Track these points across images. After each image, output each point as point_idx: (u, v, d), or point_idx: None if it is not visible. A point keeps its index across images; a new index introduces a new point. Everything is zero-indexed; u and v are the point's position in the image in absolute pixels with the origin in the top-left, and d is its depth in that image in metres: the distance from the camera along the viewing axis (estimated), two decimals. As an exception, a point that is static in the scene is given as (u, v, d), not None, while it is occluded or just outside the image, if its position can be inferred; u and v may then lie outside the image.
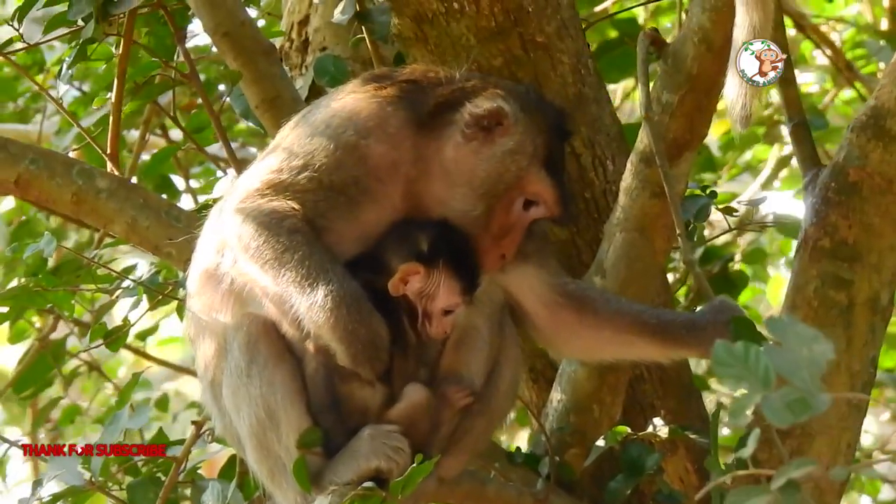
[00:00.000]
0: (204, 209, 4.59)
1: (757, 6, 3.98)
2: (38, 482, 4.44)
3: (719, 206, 4.90)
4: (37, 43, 5.05)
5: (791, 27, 7.43)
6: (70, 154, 5.69)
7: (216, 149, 6.27)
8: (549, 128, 4.21)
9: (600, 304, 4.33)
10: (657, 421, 4.52)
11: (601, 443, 4.48)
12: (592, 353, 4.42)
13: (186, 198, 7.04)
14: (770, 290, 8.07)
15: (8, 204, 7.51)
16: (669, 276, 5.38)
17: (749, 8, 4.00)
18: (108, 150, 5.08)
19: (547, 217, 4.21)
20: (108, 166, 5.06)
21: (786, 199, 8.67)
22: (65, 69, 4.91)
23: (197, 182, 7.31)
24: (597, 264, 4.52)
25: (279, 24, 5.73)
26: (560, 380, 4.63)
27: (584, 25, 5.05)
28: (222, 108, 5.10)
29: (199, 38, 6.69)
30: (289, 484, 4.07)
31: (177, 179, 6.94)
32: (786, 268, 8.44)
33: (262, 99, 4.90)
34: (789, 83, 4.72)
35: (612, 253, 4.49)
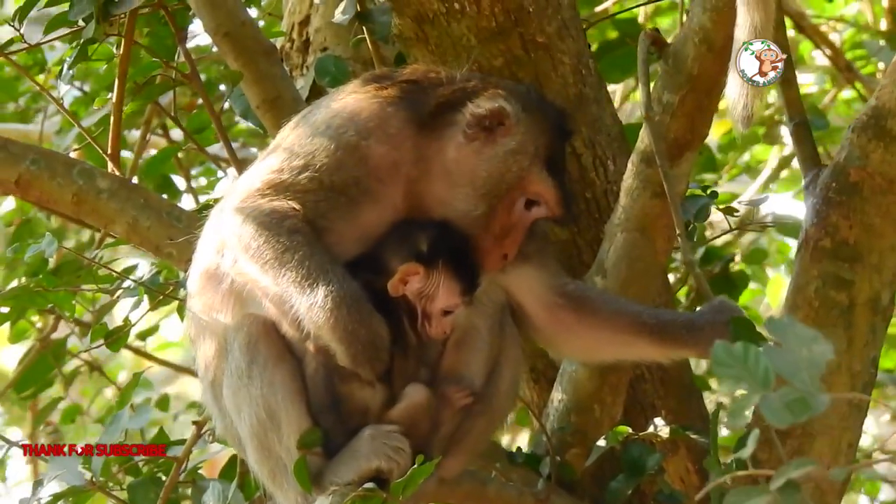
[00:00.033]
0: (205, 209, 4.58)
1: (758, 6, 3.98)
2: (39, 482, 4.43)
3: (720, 206, 4.90)
4: (37, 43, 5.05)
5: (791, 27, 7.42)
6: (71, 154, 5.68)
7: (217, 149, 6.28)
8: (551, 128, 4.21)
9: (599, 304, 4.33)
10: (658, 421, 4.52)
11: (602, 443, 4.48)
12: (592, 353, 4.42)
13: (187, 198, 7.04)
14: (770, 290, 8.06)
15: (8, 205, 7.50)
16: (670, 277, 5.37)
17: (750, 8, 3.99)
18: (108, 151, 5.07)
19: (548, 217, 4.21)
20: (109, 166, 5.06)
21: (785, 199, 8.67)
22: (66, 69, 4.90)
23: (198, 182, 7.30)
24: (598, 264, 4.52)
25: (280, 25, 5.72)
26: (561, 380, 4.63)
27: (585, 26, 5.06)
28: (223, 109, 5.10)
29: (199, 38, 6.69)
30: (289, 484, 4.06)
31: (178, 180, 6.94)
32: (786, 269, 8.44)
33: (263, 99, 4.90)
34: (790, 83, 4.71)
35: (613, 253, 4.49)
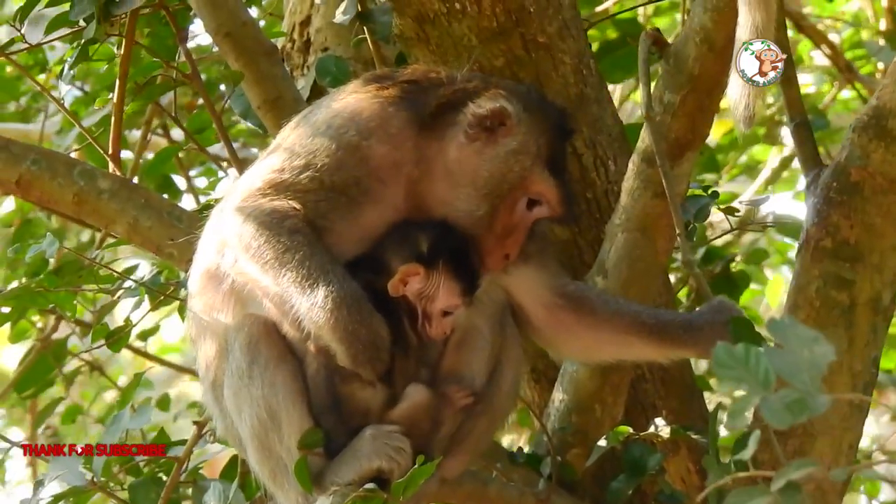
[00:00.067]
0: (206, 209, 4.58)
1: (760, 6, 3.97)
2: (40, 482, 4.43)
3: (720, 206, 4.90)
4: (38, 43, 5.04)
5: (790, 27, 7.42)
6: (71, 154, 5.67)
7: (217, 149, 6.27)
8: (552, 127, 4.20)
9: (599, 305, 4.33)
10: (659, 421, 4.52)
11: (603, 443, 4.48)
12: (591, 353, 4.42)
13: (188, 198, 7.04)
14: (770, 290, 8.05)
15: (8, 206, 7.50)
16: (671, 277, 5.36)
17: (752, 8, 3.98)
18: (109, 151, 5.07)
19: (550, 216, 4.21)
20: (110, 167, 5.06)
21: (784, 199, 8.67)
22: (66, 69, 4.90)
23: (198, 182, 7.30)
24: (598, 264, 4.52)
25: (280, 25, 5.72)
26: (562, 380, 4.62)
27: (586, 25, 5.05)
28: (223, 109, 5.10)
29: (199, 37, 6.70)
30: (290, 484, 4.06)
31: (178, 180, 6.94)
32: (784, 268, 8.44)
33: (264, 99, 4.90)
34: (791, 83, 4.71)
35: (613, 253, 4.48)
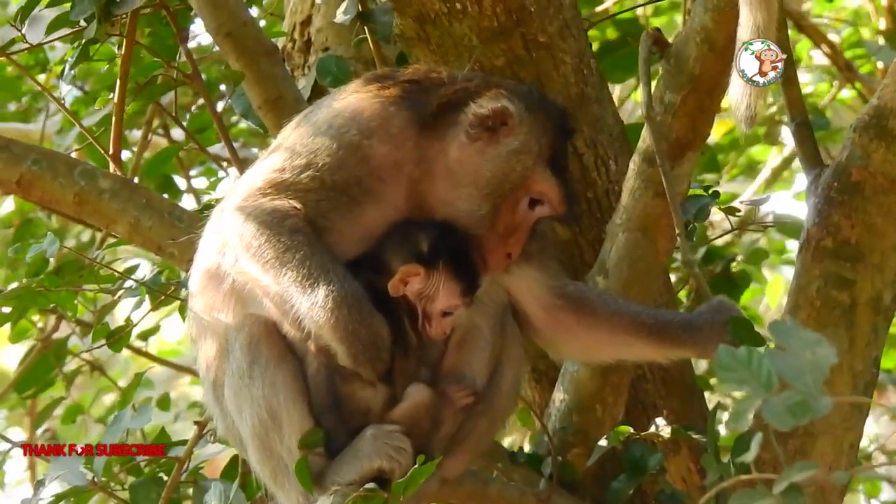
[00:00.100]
0: (206, 209, 4.57)
1: (761, 6, 3.96)
2: (41, 482, 4.43)
3: (721, 206, 4.90)
4: (39, 43, 5.04)
5: (790, 27, 7.41)
6: (72, 154, 5.67)
7: (218, 149, 6.27)
8: (553, 127, 4.20)
9: (598, 305, 4.33)
10: (660, 421, 4.52)
11: (604, 442, 4.48)
12: (591, 354, 4.42)
13: (188, 198, 7.04)
14: (769, 290, 8.06)
15: (7, 206, 7.49)
16: (672, 277, 5.36)
17: (753, 8, 3.97)
18: (110, 151, 5.07)
19: (552, 216, 4.20)
20: (111, 166, 5.06)
21: (782, 198, 8.67)
22: (67, 69, 4.90)
23: (200, 182, 7.30)
24: (599, 264, 4.52)
25: (281, 24, 5.72)
26: (562, 380, 4.62)
27: (586, 25, 5.05)
28: (225, 108, 5.10)
29: (199, 37, 6.69)
30: (291, 484, 4.06)
31: (178, 180, 6.93)
32: (785, 268, 8.43)
33: (265, 99, 4.90)
34: (791, 83, 4.70)
35: (614, 253, 4.48)
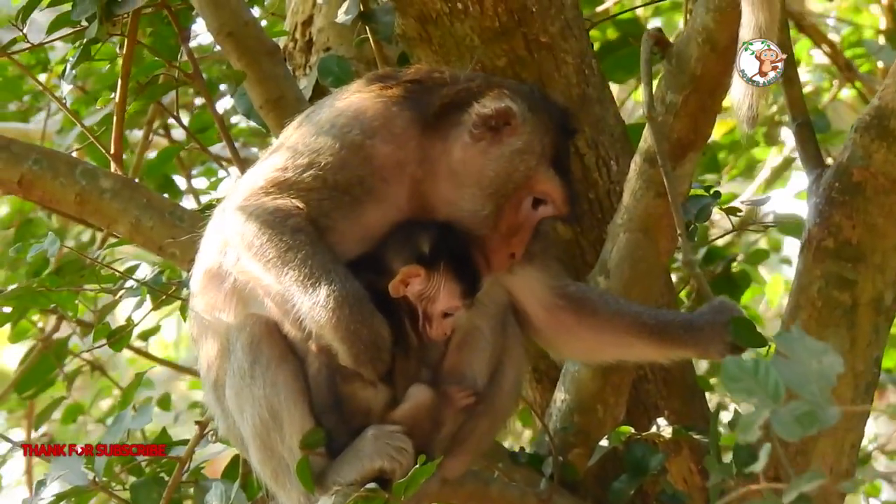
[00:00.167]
0: (208, 209, 4.57)
1: (763, 6, 3.96)
2: (42, 482, 4.43)
3: (721, 206, 4.89)
4: (40, 43, 5.04)
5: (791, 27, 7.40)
6: (72, 154, 5.67)
7: (218, 148, 6.26)
8: (556, 127, 4.20)
9: (599, 305, 4.33)
10: (661, 421, 4.51)
11: (605, 443, 4.48)
12: (592, 354, 4.43)
13: (188, 198, 7.03)
14: (769, 290, 8.04)
15: (4, 208, 7.48)
16: (673, 277, 5.36)
17: (755, 8, 3.97)
18: (111, 150, 5.07)
19: (555, 216, 4.20)
20: (112, 166, 5.06)
21: (780, 197, 8.66)
22: (69, 69, 4.90)
23: (200, 182, 7.29)
24: (600, 264, 4.52)
25: (282, 24, 5.72)
26: (564, 380, 4.62)
27: (588, 25, 5.05)
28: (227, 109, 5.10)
29: (200, 37, 6.68)
30: (292, 484, 4.06)
31: (179, 180, 6.92)
32: (784, 267, 8.42)
33: (267, 99, 4.89)
34: (792, 83, 4.70)
35: (615, 253, 4.48)
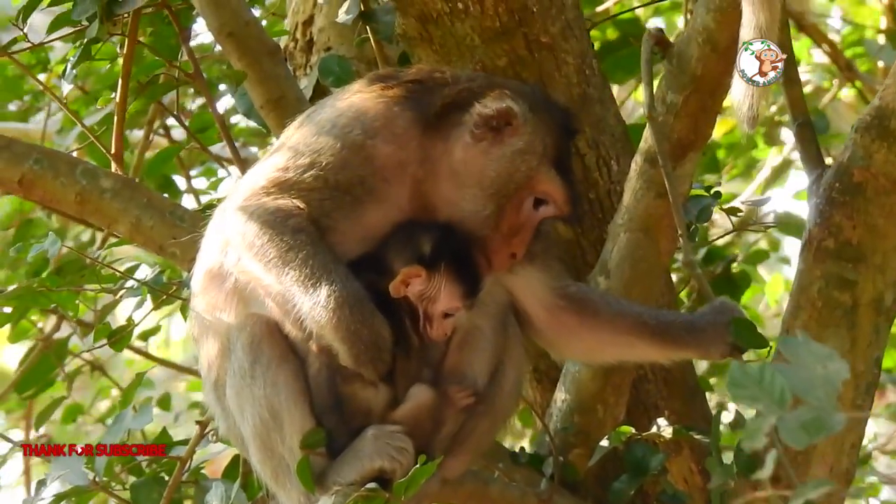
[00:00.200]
0: (208, 209, 4.58)
1: (763, 6, 3.96)
2: (43, 482, 4.43)
3: (721, 206, 4.89)
4: (41, 42, 5.04)
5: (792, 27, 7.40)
6: (72, 153, 5.66)
7: (218, 148, 6.26)
8: (557, 127, 4.20)
9: (601, 306, 4.33)
10: (661, 421, 4.51)
11: (605, 443, 4.48)
12: (593, 355, 4.43)
13: (188, 198, 7.02)
14: (769, 290, 8.04)
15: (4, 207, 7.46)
16: (673, 277, 5.36)
17: (755, 8, 3.97)
18: (112, 150, 5.06)
19: (556, 216, 4.20)
20: (113, 166, 5.06)
21: (782, 197, 8.66)
22: (69, 69, 4.89)
23: (199, 182, 7.28)
24: (601, 265, 4.52)
25: (282, 24, 5.72)
26: (564, 380, 4.62)
27: (588, 26, 5.06)
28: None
29: (200, 37, 6.67)
30: (292, 484, 4.06)
31: (178, 180, 6.91)
32: (783, 268, 8.42)
33: (267, 99, 4.88)
34: (793, 83, 4.69)
35: (616, 253, 4.48)
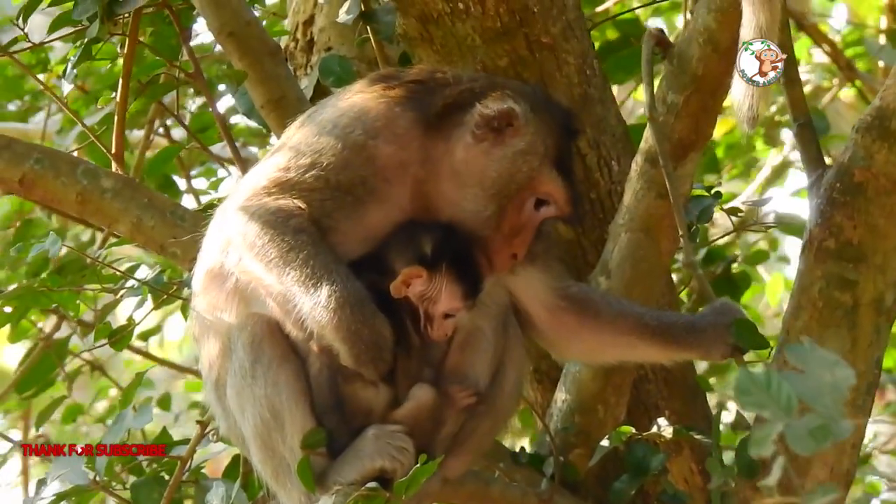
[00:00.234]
0: (209, 209, 4.58)
1: (764, 7, 3.96)
2: (43, 481, 4.43)
3: (722, 206, 4.89)
4: (41, 42, 5.04)
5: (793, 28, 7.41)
6: (72, 153, 5.66)
7: (218, 148, 6.26)
8: (559, 127, 4.20)
9: (602, 306, 4.33)
10: (662, 421, 4.51)
11: (606, 443, 4.48)
12: (594, 355, 4.43)
13: (188, 198, 7.02)
14: (769, 289, 8.05)
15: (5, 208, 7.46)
16: (674, 277, 5.36)
17: (756, 8, 3.97)
18: (112, 150, 5.06)
19: (557, 216, 4.20)
20: (113, 166, 5.05)
21: (781, 197, 8.66)
22: (70, 68, 4.89)
23: (199, 182, 7.28)
24: (602, 265, 4.52)
25: (282, 23, 5.72)
26: (564, 380, 4.63)
27: (589, 26, 5.06)
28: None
29: (200, 36, 6.67)
30: (293, 484, 4.06)
31: (178, 180, 6.91)
32: (782, 267, 8.42)
33: (268, 99, 4.88)
34: (794, 83, 4.69)
35: (617, 253, 4.48)
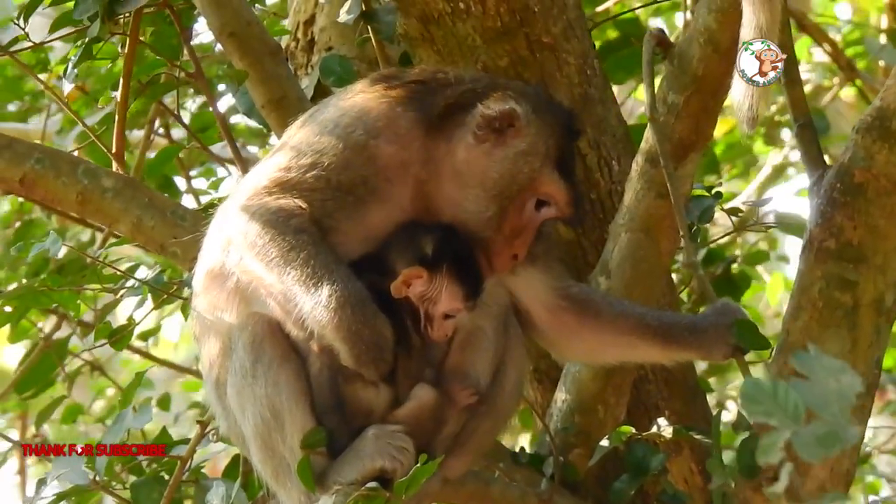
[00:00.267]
0: (210, 208, 4.58)
1: (764, 7, 3.96)
2: (43, 481, 4.43)
3: (722, 206, 4.89)
4: (42, 42, 5.04)
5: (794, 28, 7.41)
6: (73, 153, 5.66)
7: (218, 148, 6.26)
8: (560, 128, 4.20)
9: (602, 307, 4.33)
10: (662, 421, 4.51)
11: (605, 443, 4.48)
12: (595, 355, 4.43)
13: (188, 198, 7.02)
14: (769, 289, 8.06)
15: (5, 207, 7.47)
16: (674, 277, 5.37)
17: (756, 8, 3.98)
18: (113, 150, 5.06)
19: (558, 217, 4.20)
20: (114, 166, 5.06)
21: (782, 196, 8.67)
22: (70, 68, 4.90)
23: (199, 182, 7.28)
24: (602, 265, 4.52)
25: (282, 23, 5.72)
26: (565, 380, 4.63)
27: (590, 26, 5.06)
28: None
29: (200, 36, 6.67)
30: (293, 484, 4.06)
31: (178, 180, 6.91)
32: (782, 266, 8.44)
33: (269, 99, 4.88)
34: (795, 83, 4.69)
35: (617, 253, 4.49)
